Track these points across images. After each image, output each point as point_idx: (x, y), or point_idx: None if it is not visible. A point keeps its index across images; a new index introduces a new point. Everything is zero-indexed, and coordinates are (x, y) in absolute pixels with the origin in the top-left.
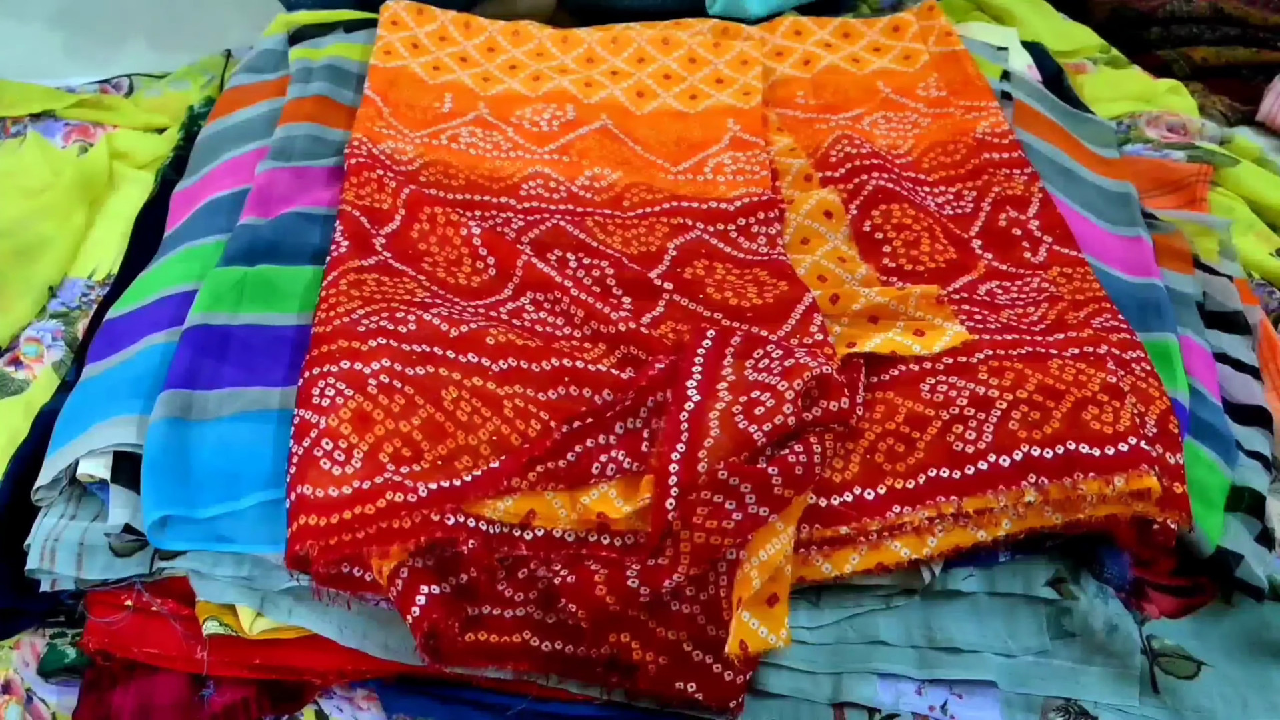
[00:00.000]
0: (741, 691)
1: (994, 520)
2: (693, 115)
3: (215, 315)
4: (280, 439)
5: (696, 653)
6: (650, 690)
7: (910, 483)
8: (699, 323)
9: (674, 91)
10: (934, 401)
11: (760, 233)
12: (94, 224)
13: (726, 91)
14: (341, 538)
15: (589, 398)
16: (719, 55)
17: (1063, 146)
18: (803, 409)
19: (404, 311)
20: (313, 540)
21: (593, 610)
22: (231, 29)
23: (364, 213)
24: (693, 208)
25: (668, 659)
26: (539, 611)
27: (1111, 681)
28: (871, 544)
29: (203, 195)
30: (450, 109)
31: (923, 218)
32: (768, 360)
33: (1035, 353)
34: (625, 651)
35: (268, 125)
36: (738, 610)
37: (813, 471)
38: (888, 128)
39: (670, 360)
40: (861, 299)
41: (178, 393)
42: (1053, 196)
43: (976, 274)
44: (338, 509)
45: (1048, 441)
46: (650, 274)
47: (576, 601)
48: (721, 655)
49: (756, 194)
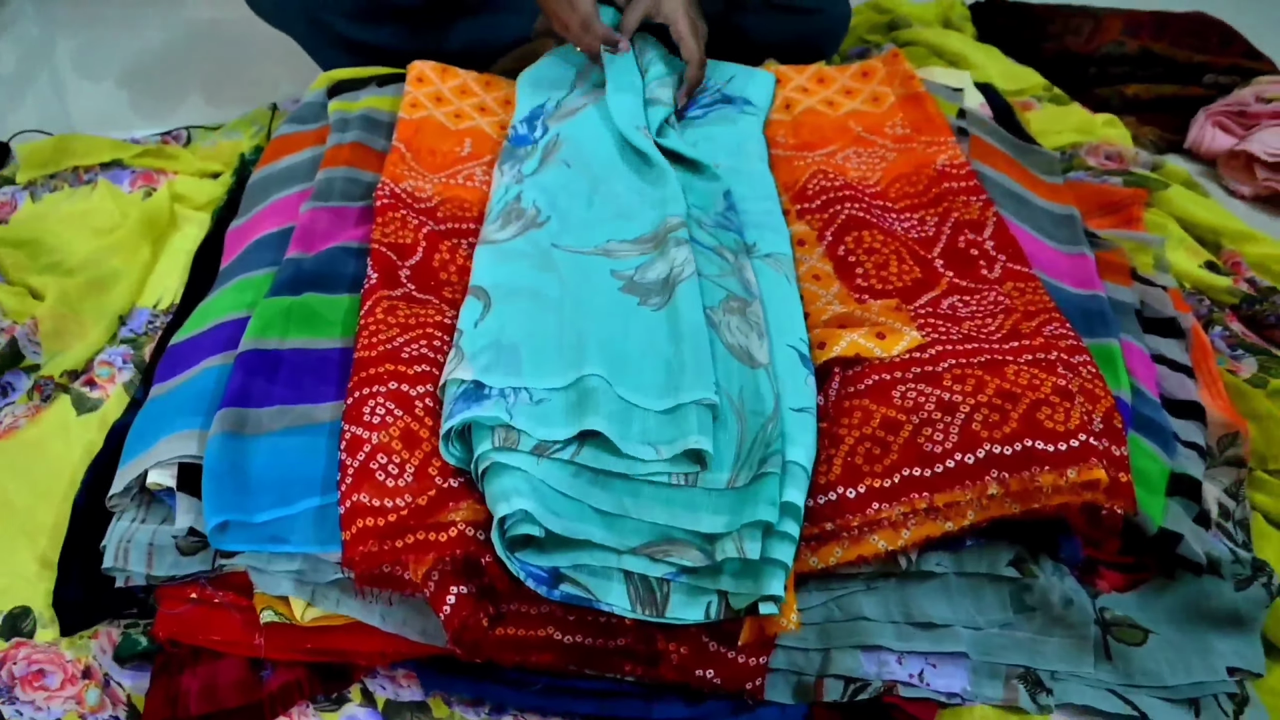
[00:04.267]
0: (760, 673)
1: (961, 512)
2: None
3: (266, 340)
4: (327, 451)
5: (713, 643)
6: (674, 678)
7: (887, 482)
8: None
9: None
10: (905, 407)
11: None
12: (158, 259)
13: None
14: (394, 543)
15: None
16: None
17: (1013, 175)
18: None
19: (440, 340)
20: (372, 541)
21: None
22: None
23: (390, 248)
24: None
25: (689, 648)
26: (563, 608)
27: (1069, 650)
28: (853, 539)
29: (253, 233)
30: (469, 152)
31: (890, 241)
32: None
33: (993, 360)
34: (650, 640)
35: (310, 170)
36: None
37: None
38: (859, 162)
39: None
40: (830, 312)
41: (233, 410)
42: (1006, 219)
43: (939, 290)
44: (391, 515)
45: (1007, 440)
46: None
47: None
48: (736, 644)
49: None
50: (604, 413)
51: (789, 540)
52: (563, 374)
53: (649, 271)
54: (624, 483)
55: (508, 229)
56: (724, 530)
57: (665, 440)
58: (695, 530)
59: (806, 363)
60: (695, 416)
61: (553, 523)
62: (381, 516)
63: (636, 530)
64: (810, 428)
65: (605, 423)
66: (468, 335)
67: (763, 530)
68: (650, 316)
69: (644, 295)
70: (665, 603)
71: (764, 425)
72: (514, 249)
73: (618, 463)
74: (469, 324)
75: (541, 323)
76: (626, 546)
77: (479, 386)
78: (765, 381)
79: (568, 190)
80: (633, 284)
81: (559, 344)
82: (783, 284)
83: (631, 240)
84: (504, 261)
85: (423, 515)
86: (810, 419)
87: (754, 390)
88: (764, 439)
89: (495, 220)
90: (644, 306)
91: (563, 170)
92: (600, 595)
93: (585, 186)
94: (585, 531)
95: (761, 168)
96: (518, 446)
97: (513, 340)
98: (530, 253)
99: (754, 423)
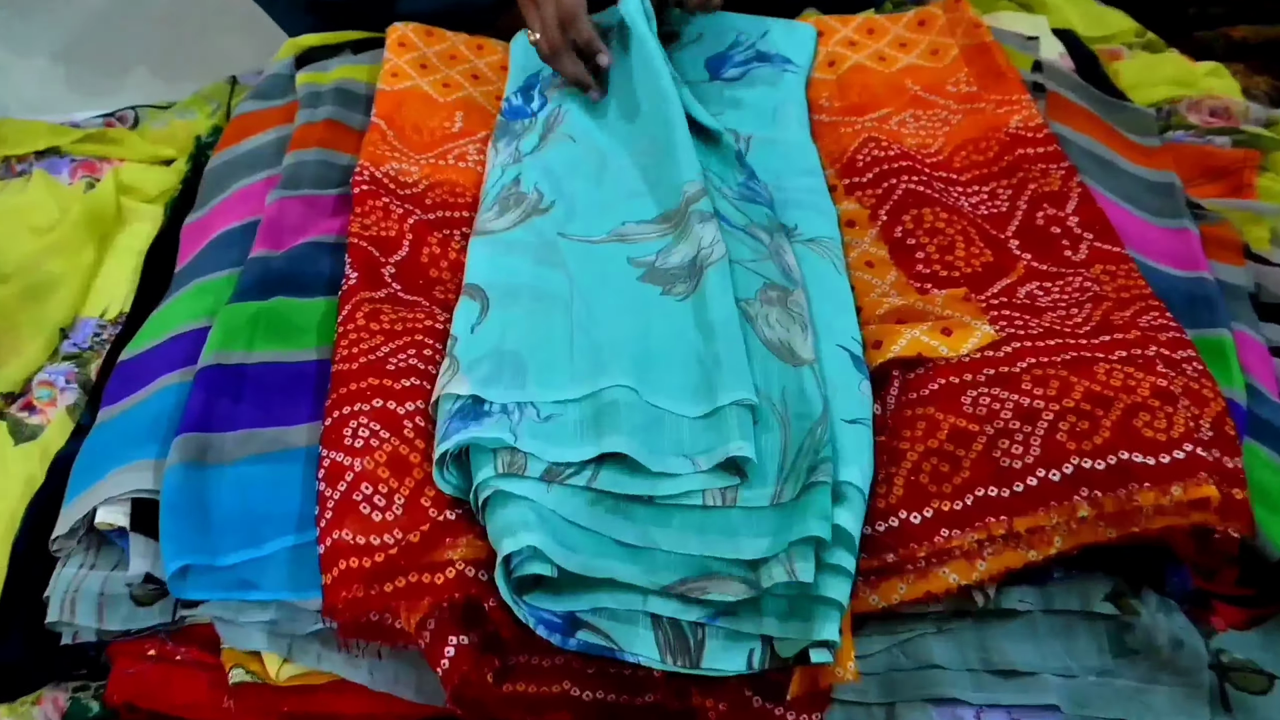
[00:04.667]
0: None
1: (1046, 538)
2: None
3: (229, 353)
4: (302, 481)
5: (757, 699)
6: None
7: (957, 504)
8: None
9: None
10: (977, 415)
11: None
12: (104, 261)
13: None
14: (382, 587)
15: None
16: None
17: (1100, 137)
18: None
19: (431, 349)
20: (357, 585)
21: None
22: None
23: (372, 242)
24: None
25: (728, 704)
26: (580, 659)
27: (1180, 700)
28: (919, 572)
29: (213, 228)
30: (461, 128)
31: (956, 220)
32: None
33: (1081, 358)
34: (684, 695)
35: (277, 153)
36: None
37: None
38: (916, 127)
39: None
40: (886, 305)
41: (193, 436)
42: (1092, 190)
43: (1015, 276)
44: (378, 555)
45: (1098, 452)
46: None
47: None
48: (784, 698)
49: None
50: (627, 429)
51: (843, 575)
52: (576, 385)
53: (672, 255)
54: (650, 510)
55: (506, 216)
56: (769, 553)
57: (702, 449)
58: (736, 558)
59: (860, 366)
60: (735, 419)
61: (567, 560)
62: (367, 556)
63: (667, 565)
64: (866, 443)
65: (629, 441)
66: (463, 342)
67: (815, 548)
68: (675, 307)
69: (667, 283)
70: (700, 651)
71: (811, 430)
72: (514, 240)
73: (643, 483)
74: (464, 329)
75: (549, 325)
76: (656, 585)
77: (478, 402)
78: (811, 380)
79: (574, 169)
80: (654, 271)
81: (570, 350)
82: (830, 273)
83: (651, 220)
84: (503, 255)
85: (415, 554)
86: (866, 432)
87: (798, 391)
88: (812, 445)
89: (491, 207)
90: (668, 296)
91: (567, 146)
92: (624, 644)
93: (594, 164)
94: (606, 569)
95: (803, 136)
96: (525, 472)
97: (516, 347)
98: (533, 243)
99: (799, 428)
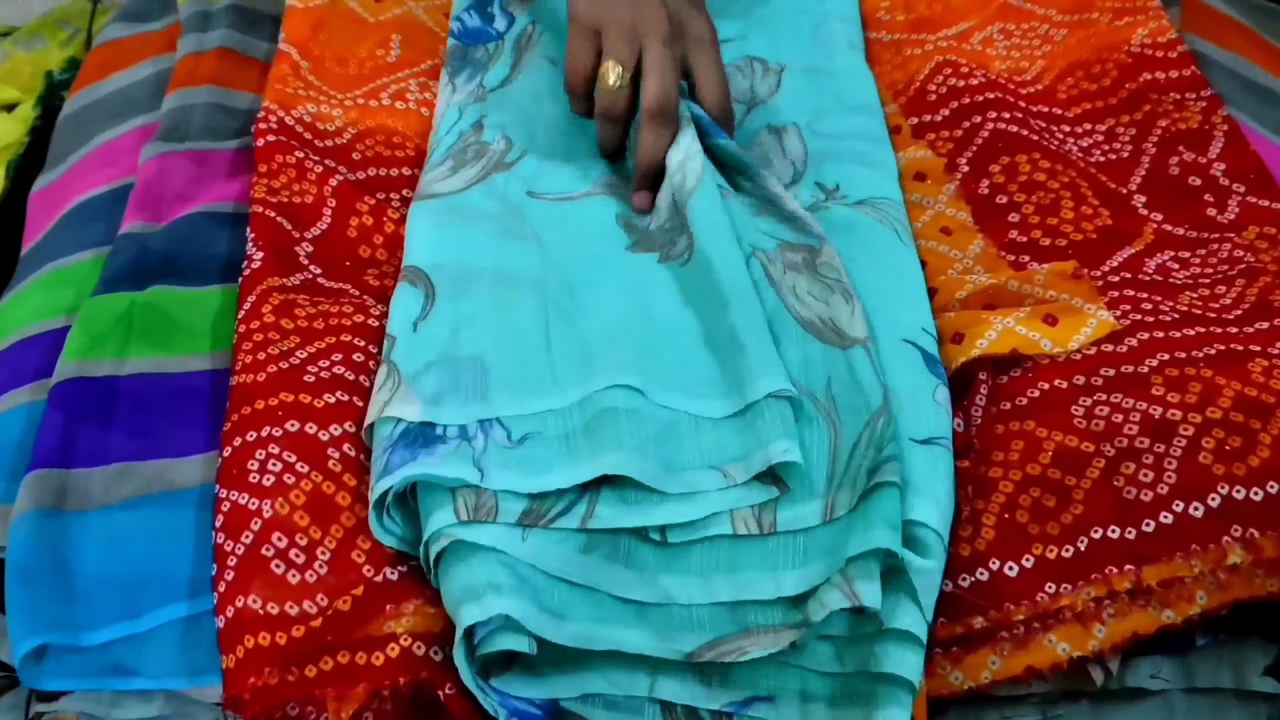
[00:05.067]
0: None
1: (1186, 593)
2: None
3: (95, 363)
4: (194, 531)
5: None
6: None
7: (1067, 549)
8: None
9: None
10: (1093, 431)
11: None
12: None
13: None
14: (303, 671)
15: None
16: None
17: (1255, 57)
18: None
19: (363, 353)
20: (269, 669)
21: None
22: None
23: (281, 211)
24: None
25: None
26: None
27: None
28: (1016, 640)
29: (70, 195)
30: (398, 56)
31: (1062, 170)
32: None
33: (1230, 351)
34: None
35: (154, 94)
36: None
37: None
38: (1007, 45)
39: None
40: (969, 285)
41: (48, 473)
42: (1244, 127)
43: (1142, 244)
44: (297, 628)
45: (1255, 478)
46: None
47: None
48: None
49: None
50: (630, 442)
51: (914, 644)
52: (558, 390)
53: (662, 205)
54: (660, 553)
55: (460, 174)
56: (820, 580)
57: (735, 456)
58: (777, 597)
59: (935, 366)
60: (773, 414)
61: (555, 630)
62: (283, 630)
63: (688, 623)
64: (944, 469)
65: (633, 459)
66: (404, 345)
67: (882, 564)
68: (679, 275)
69: (665, 246)
70: None
71: (870, 422)
72: (468, 205)
73: (652, 511)
74: (404, 326)
75: (517, 315)
76: (677, 653)
77: (427, 427)
78: (865, 364)
79: (553, 104)
80: (648, 234)
81: (547, 345)
82: (890, 244)
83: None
84: (454, 225)
85: (346, 626)
86: (944, 455)
87: (848, 379)
88: (872, 441)
89: (442, 162)
90: (670, 262)
91: (546, 73)
92: None
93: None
94: (609, 638)
95: (853, 62)
96: (495, 517)
97: (475, 348)
98: (493, 209)
99: (852, 423)
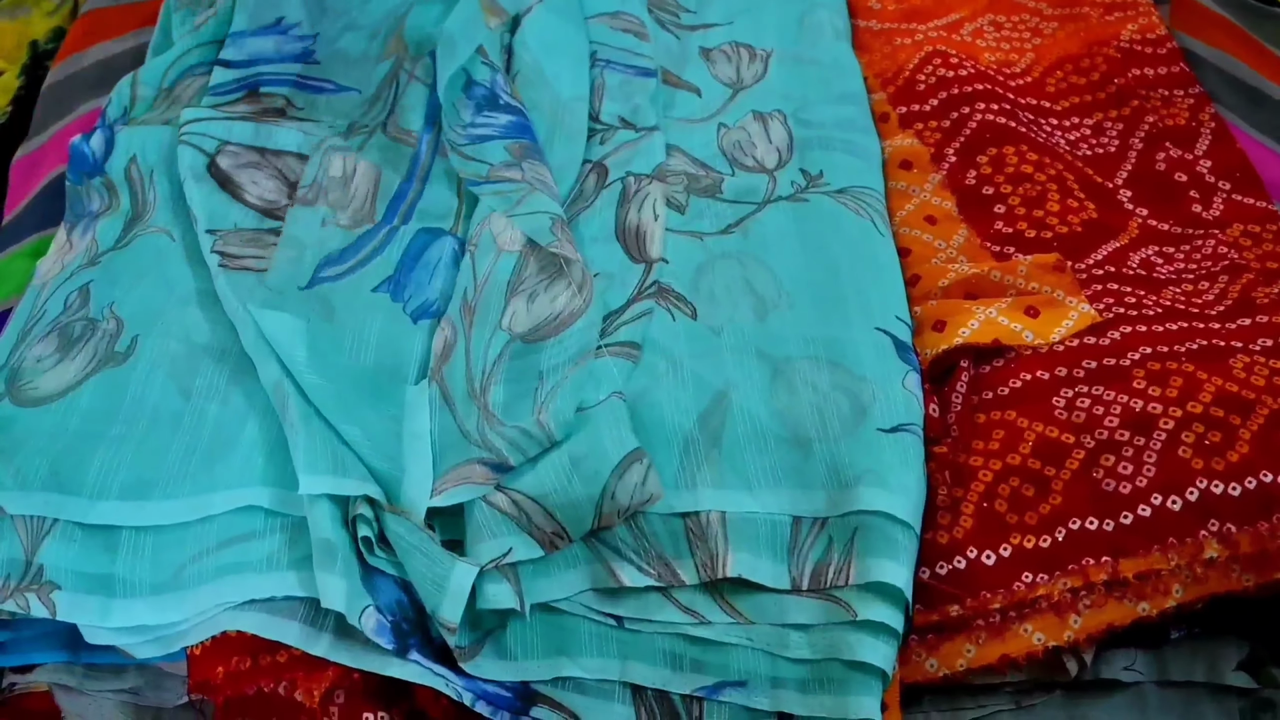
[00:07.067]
0: None
1: (1162, 586)
2: None
3: None
4: None
5: None
6: None
7: (1045, 539)
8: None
9: None
10: (1073, 423)
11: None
12: None
13: None
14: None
15: None
16: None
17: (1243, 56)
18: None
19: None
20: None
21: None
22: None
23: None
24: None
25: None
26: None
27: None
28: (992, 628)
29: (51, 164)
30: None
31: (1050, 163)
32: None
33: (1212, 347)
34: None
35: (135, 64)
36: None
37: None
38: (997, 37)
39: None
40: (952, 274)
41: None
42: (1231, 126)
43: (1127, 238)
44: None
45: (1234, 473)
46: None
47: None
48: None
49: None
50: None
51: (888, 634)
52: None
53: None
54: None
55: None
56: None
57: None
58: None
59: (906, 354)
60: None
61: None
62: None
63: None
64: (913, 457)
65: None
66: None
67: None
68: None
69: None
70: None
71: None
72: None
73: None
74: None
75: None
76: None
77: None
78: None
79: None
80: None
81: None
82: (867, 234)
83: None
84: None
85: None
86: (913, 441)
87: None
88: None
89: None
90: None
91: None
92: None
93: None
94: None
95: (840, 51)
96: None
97: None
98: None
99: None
